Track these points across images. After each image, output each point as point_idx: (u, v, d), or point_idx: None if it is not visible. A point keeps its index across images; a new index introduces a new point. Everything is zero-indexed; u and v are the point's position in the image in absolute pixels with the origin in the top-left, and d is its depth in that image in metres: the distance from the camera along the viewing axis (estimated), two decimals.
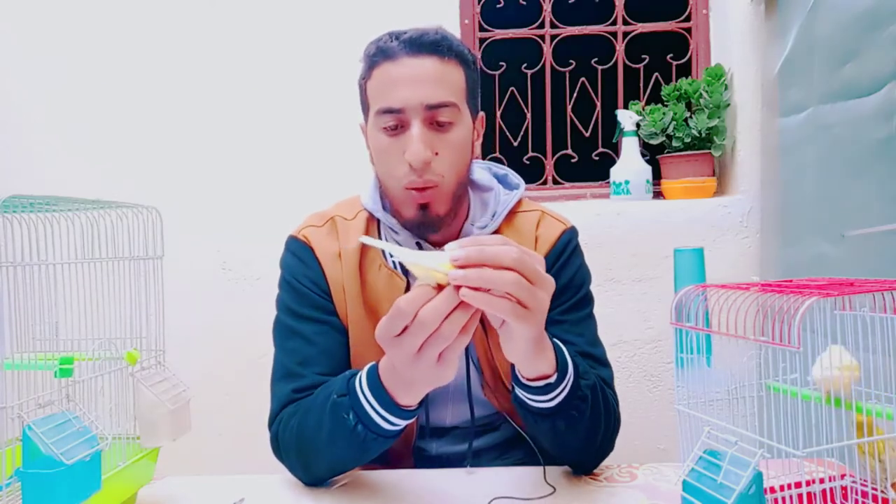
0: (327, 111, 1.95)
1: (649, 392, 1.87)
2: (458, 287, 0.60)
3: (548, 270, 0.95)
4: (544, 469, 0.88)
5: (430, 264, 0.60)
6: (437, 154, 0.86)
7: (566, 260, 0.98)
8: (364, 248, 0.96)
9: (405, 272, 0.96)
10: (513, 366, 0.76)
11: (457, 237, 0.95)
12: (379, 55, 0.87)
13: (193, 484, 0.91)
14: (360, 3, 1.93)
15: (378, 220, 0.98)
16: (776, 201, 1.66)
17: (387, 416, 0.75)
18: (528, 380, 0.75)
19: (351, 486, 0.88)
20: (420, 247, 0.94)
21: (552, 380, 0.75)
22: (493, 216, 0.97)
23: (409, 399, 0.74)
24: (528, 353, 0.72)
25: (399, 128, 0.87)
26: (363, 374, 0.77)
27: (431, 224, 0.90)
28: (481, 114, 0.98)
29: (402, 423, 0.76)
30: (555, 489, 0.82)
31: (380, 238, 0.98)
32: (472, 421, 0.98)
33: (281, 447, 0.89)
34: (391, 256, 0.96)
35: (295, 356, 0.93)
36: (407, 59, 0.85)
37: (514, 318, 0.62)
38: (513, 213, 0.99)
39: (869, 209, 1.18)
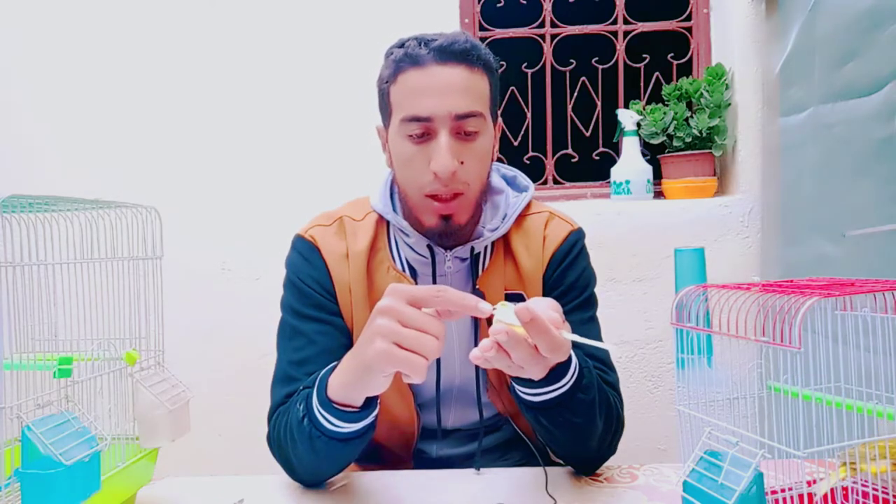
0: (327, 111, 1.95)
1: (650, 392, 1.87)
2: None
3: (553, 270, 0.97)
4: (545, 472, 0.88)
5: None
6: (462, 163, 0.86)
7: (572, 260, 0.98)
8: (372, 250, 0.96)
9: (413, 274, 0.96)
10: None
11: (469, 240, 0.94)
12: (406, 61, 0.86)
13: (193, 484, 0.91)
14: (362, 3, 1.93)
15: (387, 223, 0.98)
16: (777, 201, 1.66)
17: (323, 412, 0.75)
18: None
19: (351, 487, 0.88)
20: (431, 250, 0.94)
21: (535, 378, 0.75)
22: (504, 219, 0.97)
23: (341, 395, 0.74)
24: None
25: (425, 136, 0.86)
26: (328, 368, 0.78)
27: (452, 233, 0.90)
28: (499, 120, 0.98)
29: (343, 425, 0.76)
30: (555, 500, 0.82)
31: (388, 240, 0.97)
32: (481, 422, 0.98)
33: (272, 446, 0.90)
34: (400, 258, 0.96)
35: (295, 355, 0.93)
36: (436, 67, 0.84)
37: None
38: (522, 216, 0.99)
39: (870, 209, 1.18)
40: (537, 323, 0.64)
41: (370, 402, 0.76)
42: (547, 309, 0.67)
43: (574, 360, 0.77)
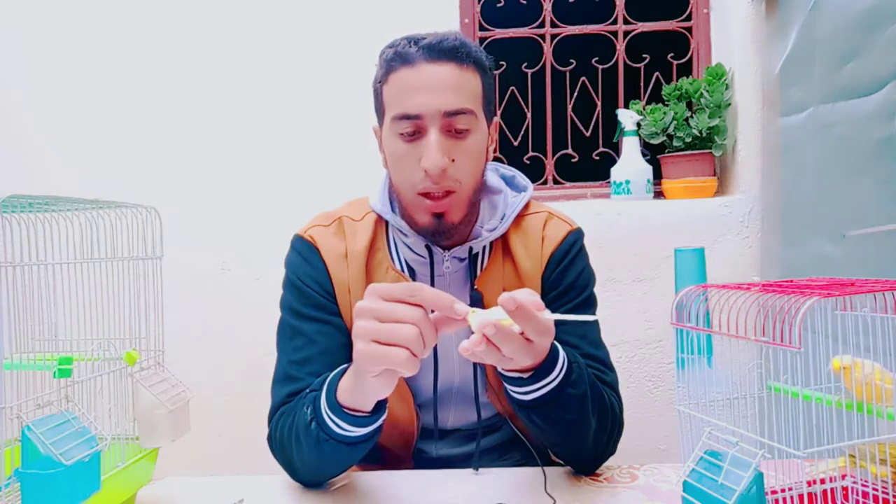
0: (327, 111, 1.95)
1: (650, 393, 1.87)
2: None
3: (552, 270, 0.97)
4: (544, 472, 0.88)
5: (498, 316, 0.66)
6: (453, 161, 0.86)
7: (571, 260, 0.98)
8: (371, 250, 0.96)
9: (412, 275, 0.96)
10: None
11: (467, 240, 0.95)
12: (397, 60, 0.86)
13: (193, 484, 0.91)
14: (362, 3, 1.93)
15: (386, 223, 0.98)
16: (777, 201, 1.66)
17: (332, 416, 0.75)
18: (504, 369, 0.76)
19: (351, 487, 0.88)
20: (430, 250, 0.94)
21: (524, 376, 0.76)
22: (502, 219, 0.97)
23: (350, 399, 0.74)
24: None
25: (416, 134, 0.86)
26: (337, 371, 0.78)
27: (445, 232, 0.90)
28: (496, 119, 0.98)
29: (352, 429, 0.75)
30: (555, 500, 0.82)
31: (387, 240, 0.98)
32: (478, 423, 0.98)
33: (273, 447, 0.90)
34: (398, 258, 0.96)
35: (296, 355, 0.93)
36: (425, 65, 0.85)
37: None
38: (521, 216, 0.99)
39: (870, 209, 1.18)
40: (523, 309, 0.64)
41: (380, 406, 0.76)
42: (527, 295, 0.67)
43: (562, 355, 0.77)
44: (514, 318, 0.64)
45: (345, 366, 0.77)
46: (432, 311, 0.67)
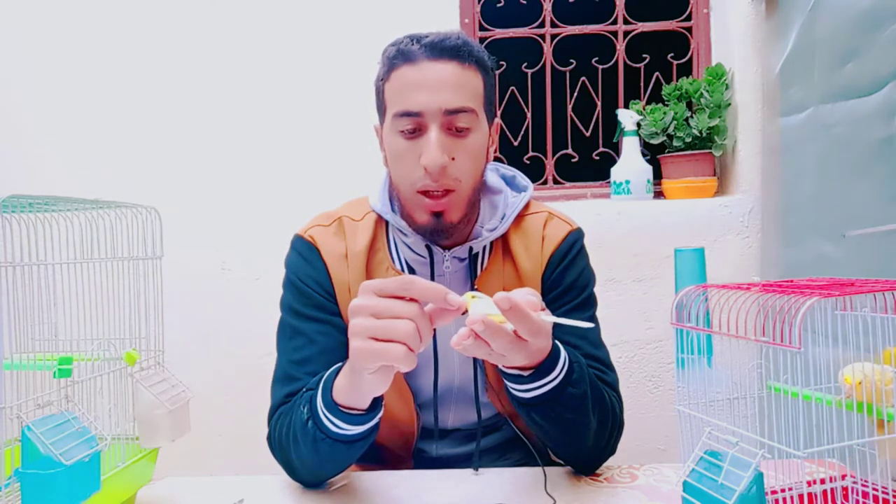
0: (327, 111, 1.95)
1: (650, 393, 1.87)
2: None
3: (552, 270, 0.97)
4: (544, 471, 0.88)
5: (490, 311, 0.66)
6: (453, 159, 0.86)
7: (571, 260, 0.98)
8: (372, 250, 0.96)
9: (412, 274, 0.96)
10: None
11: (467, 240, 0.95)
12: (399, 58, 0.87)
13: (193, 484, 0.91)
14: (362, 3, 1.93)
15: (386, 223, 0.98)
16: (777, 201, 1.66)
17: (329, 414, 0.75)
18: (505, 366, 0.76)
19: (351, 487, 0.88)
20: (430, 249, 0.94)
21: (524, 373, 0.76)
22: (503, 219, 0.97)
23: (346, 397, 0.74)
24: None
25: (416, 131, 0.86)
26: (333, 369, 0.78)
27: (444, 231, 0.89)
28: (497, 120, 0.98)
29: (348, 427, 0.76)
30: (555, 500, 0.82)
31: (387, 240, 0.98)
32: (479, 422, 0.98)
33: (272, 447, 0.90)
34: (399, 258, 0.96)
35: (296, 355, 0.93)
36: (427, 63, 0.85)
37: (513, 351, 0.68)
38: (521, 216, 0.99)
39: (870, 209, 1.18)
40: (517, 309, 0.64)
41: (375, 404, 0.76)
42: (525, 294, 0.67)
43: (563, 354, 0.77)
44: (508, 317, 0.64)
45: (339, 364, 0.78)
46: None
